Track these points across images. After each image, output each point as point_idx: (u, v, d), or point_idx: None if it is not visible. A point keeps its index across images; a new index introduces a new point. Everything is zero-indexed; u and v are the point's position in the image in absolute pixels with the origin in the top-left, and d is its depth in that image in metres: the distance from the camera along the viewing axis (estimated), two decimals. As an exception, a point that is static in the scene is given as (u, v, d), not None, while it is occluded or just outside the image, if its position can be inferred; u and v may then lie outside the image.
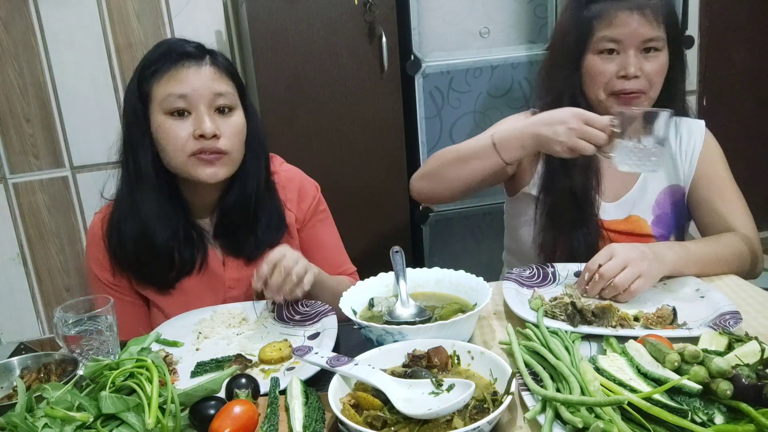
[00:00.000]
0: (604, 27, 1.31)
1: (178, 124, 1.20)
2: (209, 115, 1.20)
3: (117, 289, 1.32)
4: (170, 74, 1.20)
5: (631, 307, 1.08)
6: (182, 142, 1.19)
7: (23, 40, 2.38)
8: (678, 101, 1.42)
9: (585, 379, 0.80)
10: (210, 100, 1.20)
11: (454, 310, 1.06)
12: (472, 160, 1.33)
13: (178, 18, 2.46)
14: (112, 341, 1.10)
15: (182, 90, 1.19)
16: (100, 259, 1.31)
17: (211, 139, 1.19)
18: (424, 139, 2.23)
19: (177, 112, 1.20)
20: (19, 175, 2.50)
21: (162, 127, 1.20)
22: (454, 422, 0.76)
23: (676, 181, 1.42)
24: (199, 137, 1.19)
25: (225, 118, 1.23)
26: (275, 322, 1.19)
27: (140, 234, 1.24)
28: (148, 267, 1.27)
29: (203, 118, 1.19)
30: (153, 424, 0.76)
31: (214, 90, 1.21)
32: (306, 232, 1.40)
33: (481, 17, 2.20)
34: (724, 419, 0.74)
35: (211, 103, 1.21)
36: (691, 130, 1.44)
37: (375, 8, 2.11)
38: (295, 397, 0.85)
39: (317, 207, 1.41)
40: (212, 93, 1.20)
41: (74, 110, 2.48)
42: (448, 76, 2.19)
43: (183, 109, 1.20)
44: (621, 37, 1.29)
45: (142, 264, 1.27)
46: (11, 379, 0.99)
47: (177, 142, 1.20)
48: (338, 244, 1.45)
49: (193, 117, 1.20)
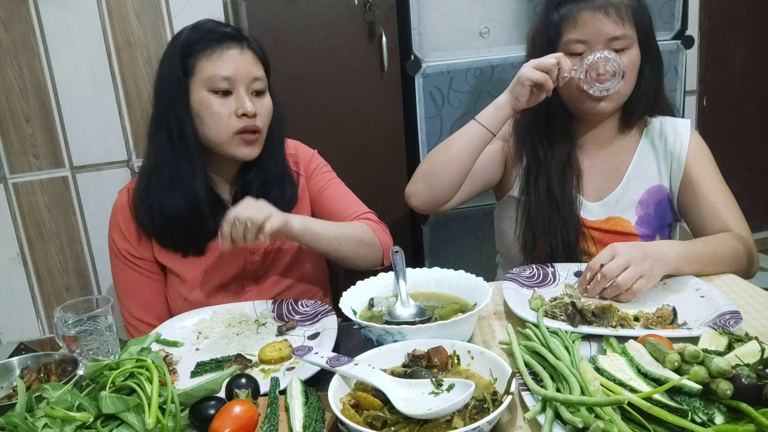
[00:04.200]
0: (570, 29, 1.33)
1: (221, 102, 1.28)
2: (249, 97, 1.29)
3: (137, 263, 1.38)
4: (217, 53, 1.28)
5: (631, 307, 1.08)
6: (225, 120, 1.28)
7: (23, 40, 2.38)
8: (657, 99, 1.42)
9: (585, 379, 0.80)
10: (248, 83, 1.29)
11: (454, 310, 1.06)
12: (458, 140, 1.38)
13: (178, 18, 2.46)
14: (112, 341, 1.10)
15: (227, 71, 1.27)
16: (123, 231, 1.37)
17: (252, 117, 1.29)
18: (424, 139, 2.23)
19: (222, 92, 1.27)
20: (19, 175, 2.50)
21: (205, 103, 1.28)
22: (454, 422, 0.76)
23: (659, 182, 1.42)
24: (241, 116, 1.28)
25: (259, 100, 1.32)
26: (275, 322, 1.20)
27: (180, 197, 1.30)
28: (179, 232, 1.33)
29: (244, 98, 1.28)
30: (153, 424, 0.76)
31: (253, 74, 1.30)
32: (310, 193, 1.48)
33: (481, 17, 2.19)
34: (724, 419, 0.74)
35: (249, 86, 1.29)
36: (677, 130, 1.43)
37: (375, 8, 2.10)
38: (295, 397, 0.85)
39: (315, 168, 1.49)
40: (251, 77, 1.29)
41: (74, 110, 2.48)
42: (448, 76, 2.19)
43: (226, 90, 1.28)
44: (586, 37, 1.32)
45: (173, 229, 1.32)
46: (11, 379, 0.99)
47: (221, 120, 1.28)
48: (344, 192, 1.50)
49: (234, 97, 1.28)
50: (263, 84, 1.32)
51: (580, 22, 1.32)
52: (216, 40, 1.29)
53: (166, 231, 1.33)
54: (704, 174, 1.39)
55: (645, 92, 1.38)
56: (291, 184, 1.42)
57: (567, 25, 1.34)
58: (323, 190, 1.47)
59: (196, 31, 1.31)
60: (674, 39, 2.28)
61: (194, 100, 1.29)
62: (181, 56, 1.29)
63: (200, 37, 1.29)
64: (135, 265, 1.38)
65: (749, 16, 2.95)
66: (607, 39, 1.31)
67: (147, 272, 1.38)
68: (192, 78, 1.29)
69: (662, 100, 1.44)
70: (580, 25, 1.32)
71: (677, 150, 1.41)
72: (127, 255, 1.37)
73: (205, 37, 1.29)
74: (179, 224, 1.32)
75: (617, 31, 1.30)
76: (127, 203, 1.37)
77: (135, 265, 1.38)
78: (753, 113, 3.06)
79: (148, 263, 1.38)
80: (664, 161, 1.42)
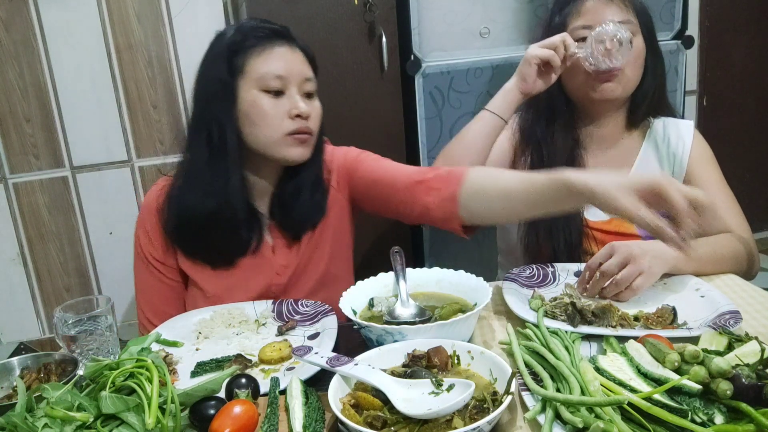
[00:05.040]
0: (575, 18, 1.37)
1: (274, 102, 1.22)
2: (301, 97, 1.23)
3: (158, 267, 1.33)
4: (268, 51, 1.22)
5: (631, 307, 1.08)
6: (278, 121, 1.21)
7: (23, 40, 2.38)
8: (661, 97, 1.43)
9: (585, 379, 0.80)
10: (300, 83, 1.23)
11: (454, 310, 1.06)
12: (470, 129, 1.38)
13: (178, 18, 2.46)
14: (112, 341, 1.10)
15: (279, 70, 1.21)
16: (150, 232, 1.32)
17: (306, 119, 1.23)
18: (424, 139, 2.23)
19: (274, 92, 1.22)
20: (19, 175, 2.50)
21: (257, 103, 1.21)
22: (454, 422, 0.76)
23: None
24: (295, 117, 1.22)
25: (310, 102, 1.26)
26: (275, 321, 1.19)
27: (215, 206, 1.24)
28: (211, 241, 1.27)
29: (298, 98, 1.22)
30: (153, 424, 0.75)
31: (305, 74, 1.24)
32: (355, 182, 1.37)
33: (481, 17, 2.19)
34: (724, 419, 0.74)
35: (301, 87, 1.24)
36: (680, 131, 1.44)
37: (375, 8, 2.10)
38: (295, 397, 0.85)
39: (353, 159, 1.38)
40: (303, 77, 1.24)
41: (74, 110, 2.48)
42: (448, 76, 2.19)
43: (278, 90, 1.22)
44: (591, 22, 1.34)
45: (204, 238, 1.27)
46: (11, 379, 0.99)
47: (274, 120, 1.21)
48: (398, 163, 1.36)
49: (287, 97, 1.22)
50: (314, 85, 1.27)
51: (583, 10, 1.36)
52: (266, 36, 1.23)
53: (197, 239, 1.27)
54: (706, 175, 1.39)
55: (649, 88, 1.39)
56: (322, 193, 1.34)
57: (571, 17, 1.37)
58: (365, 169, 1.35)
59: (242, 29, 1.25)
60: (674, 39, 2.28)
61: (244, 100, 1.22)
62: (228, 55, 1.22)
63: (247, 34, 1.23)
64: (155, 269, 1.33)
65: (749, 16, 2.94)
66: None
67: (166, 278, 1.34)
68: (240, 77, 1.22)
69: (665, 100, 1.44)
70: (583, 13, 1.36)
71: (680, 151, 1.41)
72: (150, 257, 1.33)
73: (252, 33, 1.23)
74: (211, 232, 1.26)
75: (622, 16, 1.34)
76: (155, 207, 1.31)
77: (155, 269, 1.33)
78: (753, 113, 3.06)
79: (169, 269, 1.34)
80: (667, 162, 1.42)
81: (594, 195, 0.92)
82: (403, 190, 1.24)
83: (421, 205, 1.20)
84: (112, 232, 2.62)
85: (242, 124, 1.23)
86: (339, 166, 1.38)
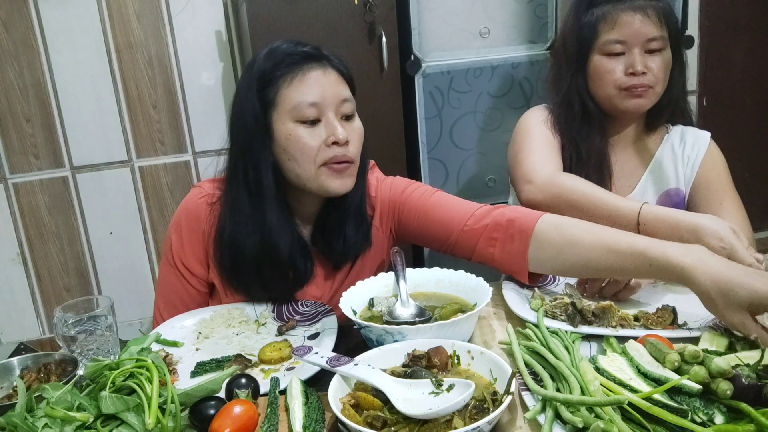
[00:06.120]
0: (608, 29, 1.36)
1: (310, 132, 1.14)
2: (338, 121, 1.15)
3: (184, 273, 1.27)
4: (298, 78, 1.14)
5: (631, 307, 1.08)
6: (315, 151, 1.14)
7: (23, 40, 2.38)
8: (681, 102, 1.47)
9: (585, 379, 0.80)
10: (337, 107, 1.15)
11: (454, 310, 1.06)
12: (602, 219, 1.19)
13: (178, 18, 2.46)
14: (112, 341, 1.10)
15: (313, 97, 1.13)
16: (184, 239, 1.25)
17: (343, 146, 1.15)
18: (424, 139, 2.23)
19: (310, 122, 1.14)
20: (19, 175, 2.50)
21: (294, 136, 1.14)
22: (454, 422, 0.76)
23: (676, 185, 1.45)
24: (332, 144, 1.14)
25: (350, 124, 1.18)
26: (275, 322, 1.19)
27: (261, 249, 1.18)
28: (265, 282, 1.22)
29: (335, 124, 1.14)
30: (153, 424, 0.76)
31: (341, 96, 1.16)
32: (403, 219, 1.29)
33: (481, 17, 2.20)
34: (724, 419, 0.74)
35: (338, 110, 1.16)
36: (697, 138, 1.48)
37: (375, 8, 2.11)
38: (295, 397, 0.85)
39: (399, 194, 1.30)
40: (339, 99, 1.16)
41: (74, 110, 2.48)
42: (448, 76, 2.19)
43: (315, 118, 1.14)
44: (626, 38, 1.34)
45: (259, 278, 1.21)
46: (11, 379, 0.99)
47: (311, 152, 1.14)
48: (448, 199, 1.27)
49: (323, 124, 1.14)
50: (352, 106, 1.18)
51: (619, 23, 1.35)
52: (295, 63, 1.14)
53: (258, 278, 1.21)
54: (715, 179, 1.42)
55: (674, 95, 1.42)
56: (367, 224, 1.27)
57: (604, 25, 1.36)
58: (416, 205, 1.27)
59: (272, 55, 1.17)
60: (674, 39, 2.28)
61: (280, 135, 1.15)
62: (259, 86, 1.15)
63: (277, 62, 1.15)
64: (180, 273, 1.27)
65: (749, 16, 2.94)
66: (645, 40, 1.34)
67: (190, 285, 1.28)
68: (274, 110, 1.15)
69: (686, 109, 1.48)
70: (619, 26, 1.35)
71: (694, 154, 1.46)
72: (179, 263, 1.26)
73: (282, 61, 1.15)
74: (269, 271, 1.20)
75: (656, 32, 1.34)
76: (200, 212, 1.24)
77: (180, 273, 1.27)
78: (753, 113, 3.06)
79: (196, 279, 1.28)
80: (682, 164, 1.47)
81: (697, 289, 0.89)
82: (459, 233, 1.19)
83: (485, 255, 1.17)
84: (112, 232, 2.62)
85: (281, 159, 1.17)
86: (383, 201, 1.31)
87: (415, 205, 1.27)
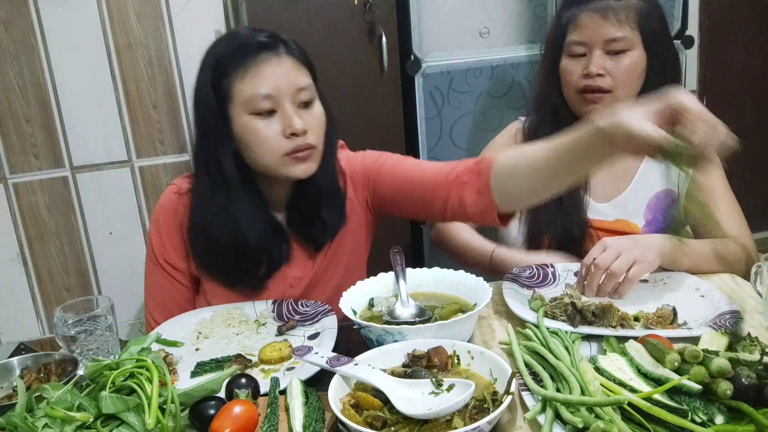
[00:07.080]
0: (572, 31, 1.38)
1: (266, 123, 1.14)
2: (295, 111, 1.15)
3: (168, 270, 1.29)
4: (251, 71, 1.13)
5: (631, 307, 1.08)
6: (273, 142, 1.14)
7: (23, 40, 2.38)
8: None
9: (585, 379, 0.80)
10: (293, 96, 1.15)
11: (454, 310, 1.06)
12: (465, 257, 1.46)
13: (178, 18, 2.46)
14: (112, 341, 1.10)
15: (266, 89, 1.13)
16: (164, 236, 1.27)
17: (302, 135, 1.15)
18: (424, 139, 2.23)
19: (266, 113, 1.14)
20: (19, 175, 2.49)
21: (249, 128, 1.15)
22: (454, 422, 0.76)
23: (669, 185, 1.43)
24: (290, 135, 1.14)
25: (308, 111, 1.17)
26: (275, 321, 1.19)
27: (231, 236, 1.20)
28: (238, 267, 1.24)
29: (291, 115, 1.14)
30: (153, 424, 0.76)
31: (297, 85, 1.15)
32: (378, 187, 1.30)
33: (481, 17, 2.19)
34: (724, 419, 0.74)
35: (294, 99, 1.15)
36: None
37: (375, 8, 2.10)
38: (295, 397, 0.85)
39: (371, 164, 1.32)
40: (295, 88, 1.15)
41: (74, 110, 2.48)
42: (448, 76, 2.19)
43: (270, 109, 1.14)
44: (585, 39, 1.36)
45: (231, 265, 1.23)
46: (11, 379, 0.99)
47: (268, 143, 1.14)
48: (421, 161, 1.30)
49: (280, 115, 1.15)
50: (310, 93, 1.17)
51: (579, 24, 1.36)
52: (249, 54, 1.14)
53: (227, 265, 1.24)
54: (710, 179, 1.40)
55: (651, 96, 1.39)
56: (341, 201, 1.28)
57: (570, 27, 1.38)
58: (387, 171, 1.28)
59: (229, 44, 1.18)
60: (674, 39, 2.27)
61: (237, 127, 1.16)
62: (213, 79, 1.16)
63: (231, 52, 1.15)
64: (165, 271, 1.29)
65: (749, 16, 2.94)
66: (604, 40, 1.34)
67: (176, 281, 1.30)
68: (229, 102, 1.15)
69: None
70: (579, 27, 1.36)
71: None
72: (161, 260, 1.29)
73: (236, 52, 1.15)
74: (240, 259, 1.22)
75: (615, 33, 1.33)
76: (174, 206, 1.27)
77: (165, 271, 1.29)
78: (753, 113, 3.06)
79: (181, 274, 1.30)
80: None
81: (621, 128, 0.85)
82: (434, 188, 1.18)
83: (456, 202, 1.14)
84: (112, 232, 2.62)
85: (242, 149, 1.18)
86: (355, 173, 1.32)
87: (388, 171, 1.27)
